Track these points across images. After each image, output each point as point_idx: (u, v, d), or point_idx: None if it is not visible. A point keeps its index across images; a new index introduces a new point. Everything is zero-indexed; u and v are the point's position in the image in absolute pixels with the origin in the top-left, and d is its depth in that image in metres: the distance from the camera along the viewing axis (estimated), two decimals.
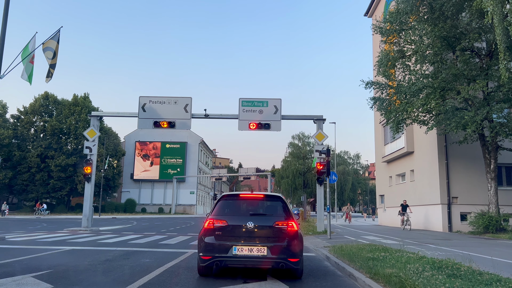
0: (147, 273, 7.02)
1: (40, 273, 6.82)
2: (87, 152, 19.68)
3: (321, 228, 18.79)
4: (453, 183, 21.28)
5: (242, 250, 6.29)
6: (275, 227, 6.51)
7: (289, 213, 6.84)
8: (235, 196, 7.24)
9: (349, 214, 36.92)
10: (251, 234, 6.42)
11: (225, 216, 6.68)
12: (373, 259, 7.96)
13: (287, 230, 6.50)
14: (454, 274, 6.07)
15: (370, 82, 20.63)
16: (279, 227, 6.52)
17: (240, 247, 6.30)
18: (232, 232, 6.45)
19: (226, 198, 7.15)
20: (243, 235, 6.41)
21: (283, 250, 6.33)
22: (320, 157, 18.15)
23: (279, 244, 6.37)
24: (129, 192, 61.42)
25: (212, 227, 6.51)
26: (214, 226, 6.51)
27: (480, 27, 17.40)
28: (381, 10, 30.42)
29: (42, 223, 26.26)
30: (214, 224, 6.53)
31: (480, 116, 16.15)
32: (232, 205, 7.06)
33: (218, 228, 6.49)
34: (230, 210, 6.91)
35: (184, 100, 20.56)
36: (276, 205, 7.04)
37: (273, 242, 6.39)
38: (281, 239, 6.42)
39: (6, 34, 13.69)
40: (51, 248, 10.93)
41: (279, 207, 6.96)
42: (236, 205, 7.06)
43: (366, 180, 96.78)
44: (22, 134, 48.68)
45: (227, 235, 6.43)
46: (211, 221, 6.56)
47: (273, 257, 6.28)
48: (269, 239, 6.43)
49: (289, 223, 6.56)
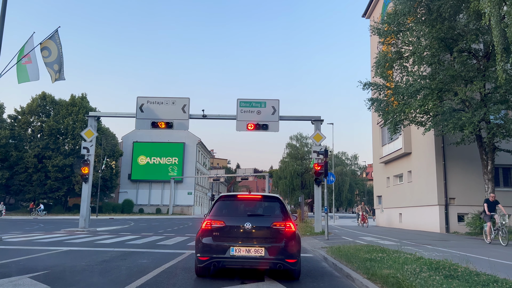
0: (144, 274, 7.01)
1: (37, 273, 6.80)
2: (85, 153, 19.63)
3: (318, 228, 18.80)
4: (450, 184, 21.33)
5: (239, 251, 6.27)
6: (273, 228, 6.49)
7: (286, 214, 6.81)
8: (232, 197, 7.17)
9: (365, 215, 29.23)
10: (249, 235, 6.39)
11: (222, 216, 6.64)
12: (370, 260, 7.97)
13: (285, 231, 6.47)
14: (451, 275, 6.08)
15: (367, 83, 20.66)
16: (276, 228, 6.49)
17: (237, 248, 6.28)
18: (229, 233, 6.42)
19: (223, 199, 7.09)
20: (240, 235, 6.38)
21: (281, 251, 6.31)
22: (318, 158, 18.16)
23: (277, 245, 6.34)
24: (126, 192, 61.29)
25: (210, 228, 6.47)
26: (212, 226, 6.47)
27: (477, 29, 17.45)
28: (379, 12, 30.50)
29: (39, 224, 26.17)
30: (211, 224, 6.49)
31: (478, 117, 16.19)
32: (230, 205, 7.00)
33: (216, 228, 6.45)
34: (228, 211, 6.86)
35: (182, 100, 20.54)
36: (273, 205, 7.00)
37: (270, 243, 6.36)
38: (279, 240, 6.39)
39: (4, 34, 13.64)
40: (48, 248, 10.90)
41: (277, 208, 6.92)
42: (234, 206, 7.01)
43: (364, 181, 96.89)
44: (19, 134, 48.49)
45: (225, 236, 6.40)
46: (208, 222, 6.53)
47: (270, 258, 6.26)
48: (266, 240, 6.40)
49: (287, 224, 6.53)
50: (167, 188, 61.76)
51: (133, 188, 61.93)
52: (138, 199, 61.42)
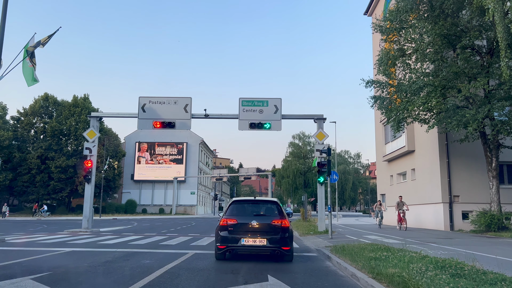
0: (148, 274, 6.95)
1: (39, 275, 6.75)
2: (87, 153, 19.61)
3: (322, 227, 18.71)
4: (454, 182, 21.20)
5: (248, 241, 8.36)
6: (272, 224, 8.54)
7: (282, 214, 8.80)
8: (242, 201, 9.40)
9: (402, 211, 21.87)
10: (255, 230, 8.48)
11: (235, 216, 8.67)
12: (375, 258, 7.88)
13: (281, 226, 8.53)
14: (457, 273, 5.98)
15: (370, 81, 20.55)
16: (275, 224, 8.54)
17: (246, 239, 8.37)
18: (240, 228, 8.48)
19: (235, 203, 9.20)
20: (249, 230, 8.47)
21: (278, 241, 8.41)
22: (321, 156, 18.09)
23: (275, 236, 8.43)
24: (129, 193, 61.33)
25: (226, 224, 8.54)
26: (227, 223, 8.54)
27: (480, 25, 17.31)
28: (380, 9, 30.35)
29: (43, 225, 26.21)
30: (227, 222, 8.56)
31: (482, 114, 16.06)
32: (240, 208, 9.05)
33: (230, 225, 8.51)
34: (239, 212, 8.85)
35: (184, 100, 20.49)
36: (273, 207, 9.01)
37: (270, 235, 8.43)
38: (276, 233, 8.47)
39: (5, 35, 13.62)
40: (51, 249, 10.87)
41: (275, 209, 8.92)
42: (243, 208, 9.05)
43: (367, 179, 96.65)
44: (22, 135, 48.58)
45: (237, 230, 8.46)
46: (224, 220, 8.62)
47: (270, 246, 8.38)
48: (267, 233, 8.45)
49: (283, 221, 8.59)
50: (170, 188, 61.78)
51: (136, 188, 61.97)
52: (141, 199, 61.46)
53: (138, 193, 61.76)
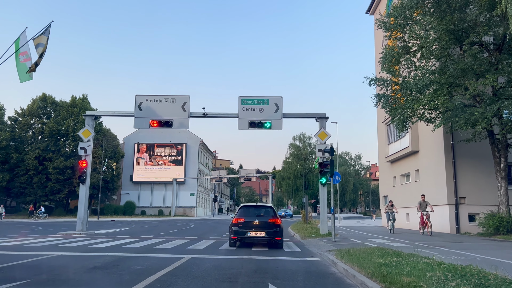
0: (136, 283, 6.29)
1: (15, 284, 6.09)
2: (82, 153, 18.98)
3: (324, 230, 18.07)
4: (460, 183, 20.53)
5: (252, 233, 11.94)
6: (268, 222, 12.11)
7: (275, 215, 12.47)
8: (248, 206, 13.15)
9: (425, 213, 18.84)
10: (256, 226, 12.03)
11: (243, 216, 12.31)
12: (385, 265, 7.25)
13: (275, 223, 12.10)
14: (482, 283, 5.34)
15: (374, 79, 19.94)
16: (270, 222, 12.11)
17: (251, 232, 11.95)
18: (247, 225, 12.05)
19: (243, 207, 12.95)
20: (252, 226, 12.02)
21: (272, 234, 11.97)
22: (323, 156, 17.46)
23: (270, 230, 11.98)
24: (128, 194, 60.68)
25: (237, 222, 12.12)
26: (238, 221, 12.12)
27: (488, 20, 16.71)
28: (383, 7, 29.76)
29: (38, 227, 25.55)
30: (238, 220, 12.14)
31: (491, 112, 15.42)
32: (247, 210, 12.73)
33: (240, 222, 12.11)
34: (245, 213, 12.50)
35: (182, 98, 19.87)
36: (269, 210, 12.76)
37: (267, 229, 11.99)
38: (271, 228, 12.00)
39: None
40: (38, 254, 10.21)
41: (271, 212, 12.64)
42: (248, 211, 12.73)
43: (368, 181, 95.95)
44: (20, 136, 47.94)
45: (244, 226, 12.04)
46: (236, 219, 12.19)
47: (267, 237, 11.96)
48: (265, 228, 12.01)
49: (276, 220, 12.18)
50: (169, 190, 61.12)
51: (135, 189, 61.30)
52: (140, 201, 60.79)
53: (137, 194, 61.09)
